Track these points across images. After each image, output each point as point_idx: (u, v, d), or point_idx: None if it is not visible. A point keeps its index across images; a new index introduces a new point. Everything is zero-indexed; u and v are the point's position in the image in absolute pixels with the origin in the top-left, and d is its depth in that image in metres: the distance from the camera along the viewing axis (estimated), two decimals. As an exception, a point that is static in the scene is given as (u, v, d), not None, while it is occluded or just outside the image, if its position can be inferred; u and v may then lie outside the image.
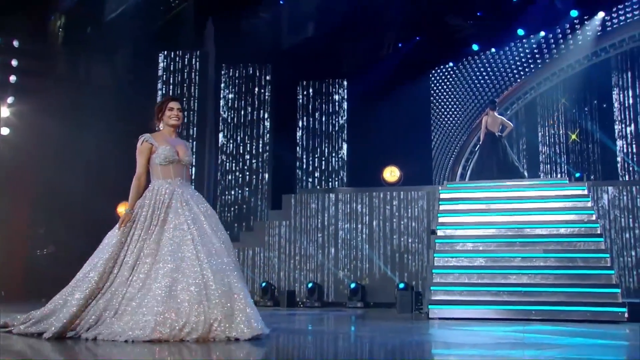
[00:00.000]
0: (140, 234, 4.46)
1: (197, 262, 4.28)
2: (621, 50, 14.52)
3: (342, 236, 11.29)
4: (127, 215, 4.53)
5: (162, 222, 4.48)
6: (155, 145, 4.68)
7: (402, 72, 15.05)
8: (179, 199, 4.57)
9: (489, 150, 11.05)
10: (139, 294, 4.23)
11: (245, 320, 4.18)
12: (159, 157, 4.64)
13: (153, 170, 4.68)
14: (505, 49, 15.73)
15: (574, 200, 9.15)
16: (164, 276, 4.21)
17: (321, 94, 15.05)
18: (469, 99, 16.32)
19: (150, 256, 4.37)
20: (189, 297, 4.13)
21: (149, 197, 4.59)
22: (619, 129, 14.68)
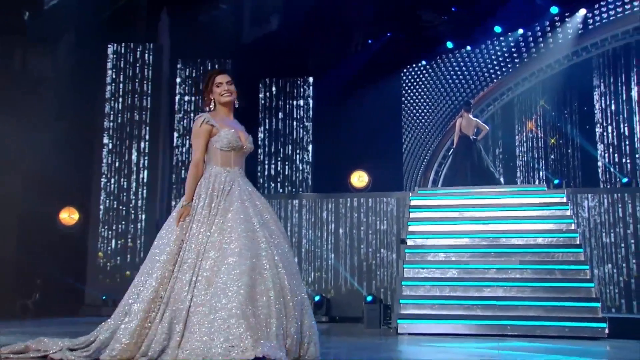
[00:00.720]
0: (199, 226, 4.08)
1: (273, 264, 3.93)
2: (603, 50, 14.80)
3: (306, 245, 11.26)
4: (186, 209, 4.14)
5: (224, 211, 4.10)
6: (216, 127, 4.31)
7: (371, 71, 15.08)
8: (242, 190, 4.22)
9: (463, 155, 11.13)
10: (207, 296, 3.82)
11: (315, 339, 3.94)
12: (221, 142, 4.29)
13: (211, 156, 4.31)
14: (482, 47, 15.90)
15: (552, 208, 9.24)
16: (243, 274, 3.79)
17: (285, 92, 14.99)
18: (443, 100, 16.44)
19: (213, 249, 3.97)
20: (268, 303, 3.79)
21: (204, 185, 4.22)
22: (600, 133, 14.94)
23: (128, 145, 12.91)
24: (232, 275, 3.80)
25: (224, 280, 3.80)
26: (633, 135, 14.51)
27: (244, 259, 3.85)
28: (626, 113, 14.66)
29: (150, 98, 13.08)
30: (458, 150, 11.25)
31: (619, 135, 14.69)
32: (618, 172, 14.44)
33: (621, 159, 14.58)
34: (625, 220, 9.81)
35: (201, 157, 4.30)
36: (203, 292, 3.86)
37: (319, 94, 15.03)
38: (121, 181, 12.75)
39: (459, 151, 11.22)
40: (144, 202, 12.68)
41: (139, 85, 13.12)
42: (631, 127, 14.56)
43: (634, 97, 14.60)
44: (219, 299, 3.75)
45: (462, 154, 11.14)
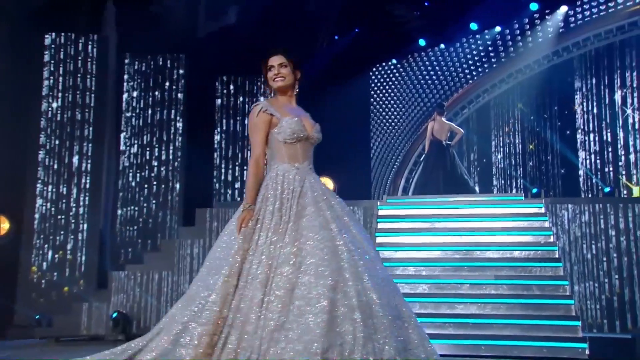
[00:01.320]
0: (268, 235, 3.76)
1: (357, 278, 3.62)
2: (585, 50, 15.03)
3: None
4: (249, 213, 3.84)
5: (297, 216, 3.79)
6: (277, 116, 4.04)
7: (338, 70, 15.09)
8: (315, 190, 3.94)
9: (435, 161, 11.17)
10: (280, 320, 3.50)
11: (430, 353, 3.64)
12: (284, 133, 4.00)
13: (275, 151, 4.02)
14: (456, 46, 16.03)
15: (530, 219, 9.31)
16: (321, 297, 3.47)
17: (244, 91, 14.89)
18: (414, 102, 16.53)
19: (287, 264, 3.65)
20: (353, 328, 3.45)
21: (272, 185, 3.92)
22: (582, 139, 15.16)
23: (68, 146, 12.65)
24: (308, 299, 3.49)
25: (300, 304, 3.50)
26: (616, 142, 14.73)
27: (323, 278, 3.54)
28: (609, 118, 14.89)
29: (94, 95, 12.86)
30: (430, 156, 11.28)
31: (602, 141, 14.91)
32: (600, 181, 14.65)
33: (603, 167, 14.79)
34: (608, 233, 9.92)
35: (262, 152, 3.99)
36: (277, 316, 3.53)
37: (281, 93, 14.99)
38: (60, 187, 12.49)
39: (430, 157, 11.25)
40: (85, 211, 12.43)
41: (81, 81, 12.89)
42: (614, 133, 14.77)
43: (617, 101, 14.82)
44: (293, 326, 3.46)
45: (434, 160, 11.17)
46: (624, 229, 9.82)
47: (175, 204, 13.86)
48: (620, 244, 9.83)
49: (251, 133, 4.06)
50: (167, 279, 11.13)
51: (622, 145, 14.63)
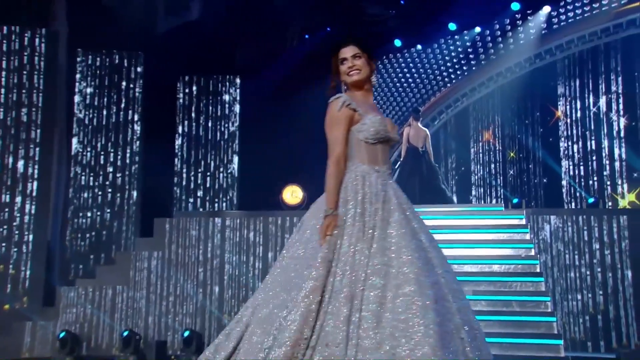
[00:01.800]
0: (351, 242, 3.58)
1: (455, 295, 3.54)
2: (569, 53, 15.19)
3: (230, 271, 11.12)
4: (333, 219, 3.64)
5: (383, 223, 3.64)
6: (359, 112, 3.88)
7: (308, 70, 14.96)
8: (399, 196, 3.81)
9: (411, 169, 11.23)
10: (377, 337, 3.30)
11: None
12: (367, 132, 3.85)
13: (353, 150, 3.88)
14: (434, 47, 16.10)
15: (510, 231, 9.36)
16: (427, 310, 3.31)
17: (207, 93, 14.80)
18: (389, 106, 16.57)
19: (377, 275, 3.46)
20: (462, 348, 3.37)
21: (351, 188, 3.76)
22: (565, 146, 15.30)
23: (13, 150, 12.44)
24: (413, 311, 3.31)
25: (403, 318, 3.30)
26: (601, 150, 14.87)
27: (425, 288, 3.39)
28: (593, 125, 15.04)
29: (42, 94, 12.67)
30: (405, 163, 11.33)
31: (586, 149, 15.05)
32: (584, 191, 14.79)
33: (587, 177, 14.93)
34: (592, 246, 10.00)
35: (343, 151, 3.83)
36: (372, 334, 3.32)
37: (246, 95, 14.90)
38: (2, 194, 12.28)
39: (406, 165, 11.30)
40: (31, 220, 12.21)
41: (27, 78, 12.68)
42: (598, 141, 14.92)
43: (602, 107, 14.98)
44: (399, 342, 3.25)
45: (410, 168, 11.23)
46: (609, 242, 9.91)
47: (131, 213, 13.73)
48: (605, 258, 9.92)
49: (330, 128, 3.89)
50: (122, 295, 11.04)
51: (607, 153, 14.77)
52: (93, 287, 11.00)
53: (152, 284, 11.09)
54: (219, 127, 14.76)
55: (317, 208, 3.90)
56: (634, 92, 14.61)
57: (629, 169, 14.47)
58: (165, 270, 11.12)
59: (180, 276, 11.10)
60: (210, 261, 11.15)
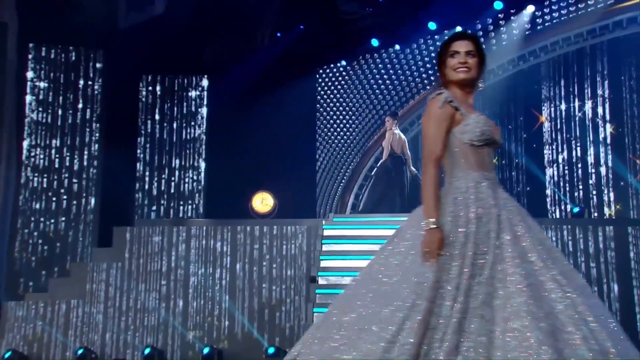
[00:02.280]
0: (465, 265, 3.36)
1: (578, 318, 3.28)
2: (553, 55, 15.34)
3: (194, 284, 11.08)
4: (439, 233, 3.41)
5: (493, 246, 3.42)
6: (462, 110, 3.66)
7: (280, 71, 15.10)
8: (509, 209, 3.60)
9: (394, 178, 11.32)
10: None
11: None
12: (472, 132, 3.63)
13: (457, 154, 3.66)
14: (413, 47, 16.22)
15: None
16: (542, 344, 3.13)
17: (172, 93, 14.80)
18: (366, 109, 16.64)
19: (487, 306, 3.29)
20: None
21: (462, 201, 3.54)
22: (549, 153, 15.45)
23: (-44, 153, 12.36)
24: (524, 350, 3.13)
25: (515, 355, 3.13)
26: (586, 158, 15.03)
27: (538, 320, 3.19)
28: (579, 131, 15.19)
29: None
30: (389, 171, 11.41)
31: (571, 156, 15.20)
32: (569, 200, 14.95)
33: (573, 185, 15.09)
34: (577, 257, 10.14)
35: (442, 152, 3.61)
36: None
37: (214, 96, 14.91)
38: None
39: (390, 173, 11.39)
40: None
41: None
42: (584, 148, 15.07)
43: (588, 112, 15.14)
44: None
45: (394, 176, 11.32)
46: (594, 253, 10.06)
47: (89, 221, 13.66)
48: (590, 270, 10.06)
49: (428, 126, 3.66)
50: (77, 309, 10.94)
51: (593, 161, 14.92)
52: (45, 302, 10.88)
53: (110, 297, 11.00)
54: (185, 130, 14.75)
55: (417, 217, 3.66)
56: (620, 96, 14.77)
57: (616, 177, 14.65)
58: (124, 283, 11.05)
59: (141, 289, 11.04)
60: (173, 273, 11.09)
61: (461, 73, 3.78)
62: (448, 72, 3.81)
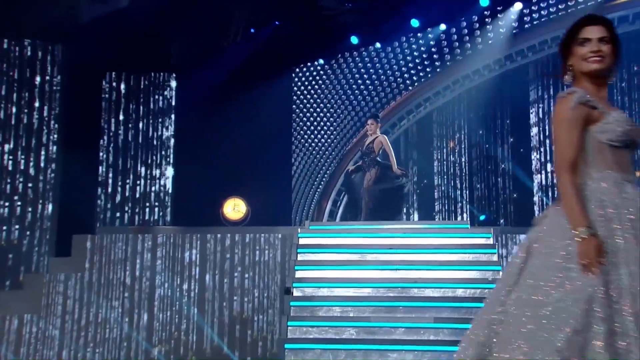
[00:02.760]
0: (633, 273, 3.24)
1: None
2: (542, 55, 15.40)
3: (160, 295, 10.99)
4: (595, 244, 3.27)
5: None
6: (600, 109, 3.53)
7: (254, 69, 15.06)
8: None
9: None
10: None
11: None
12: (612, 132, 3.50)
13: (595, 155, 3.53)
14: (394, 45, 16.25)
15: (476, 251, 9.47)
16: None
17: (138, 92, 14.72)
18: (345, 110, 16.65)
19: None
20: None
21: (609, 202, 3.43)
22: (537, 158, 15.53)
23: None
24: None
25: None
26: (576, 164, 15.16)
27: None
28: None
29: None
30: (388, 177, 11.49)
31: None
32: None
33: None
34: (565, 268, 10.19)
35: (576, 156, 3.47)
36: None
37: (183, 95, 14.85)
38: None
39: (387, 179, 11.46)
40: None
41: None
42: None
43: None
44: None
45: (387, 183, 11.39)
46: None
47: (45, 228, 13.54)
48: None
49: (560, 129, 3.52)
50: (31, 324, 10.78)
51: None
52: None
53: (68, 311, 10.85)
54: (151, 131, 14.68)
55: (558, 226, 3.51)
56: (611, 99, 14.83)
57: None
58: (84, 295, 10.90)
59: (103, 302, 10.90)
60: (138, 284, 10.98)
61: (594, 63, 3.57)
62: (577, 62, 3.61)
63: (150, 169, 14.50)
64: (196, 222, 11.94)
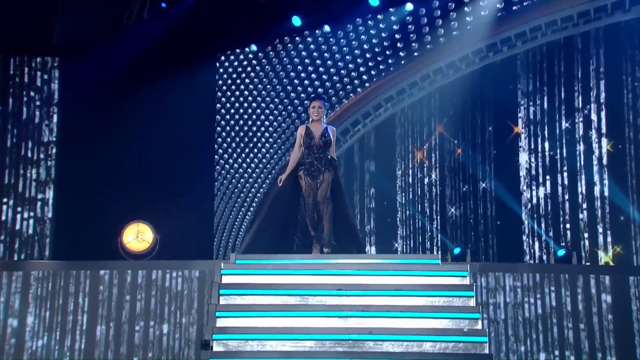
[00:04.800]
0: None
1: None
2: (534, 45, 15.50)
3: (34, 350, 10.74)
4: None
5: None
6: None
7: (164, 56, 14.97)
8: None
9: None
10: None
11: None
12: None
13: None
14: (347, 29, 16.26)
15: (449, 294, 9.39)
16: None
17: (9, 81, 14.52)
18: (283, 110, 16.60)
19: None
20: None
21: None
22: (527, 177, 15.58)
23: None
24: None
25: None
26: (576, 183, 15.16)
27: None
28: (565, 148, 15.33)
29: None
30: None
31: (554, 181, 15.34)
32: (552, 240, 15.08)
33: (557, 219, 15.23)
34: (562, 319, 10.17)
35: None
36: None
37: (70, 87, 14.67)
38: None
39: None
40: None
41: None
42: (573, 170, 15.21)
43: (578, 123, 15.29)
44: None
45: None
46: (585, 312, 10.09)
47: None
48: (579, 336, 10.10)
49: None
50: None
51: (585, 188, 15.06)
52: None
53: None
54: (27, 136, 14.48)
55: None
56: (620, 102, 14.95)
57: (614, 209, 14.79)
58: None
59: (-42, 356, 10.69)
60: (3, 336, 10.70)
61: None
62: None
63: (24, 187, 14.28)
64: (84, 255, 11.77)
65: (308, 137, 10.87)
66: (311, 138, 10.90)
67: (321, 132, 10.98)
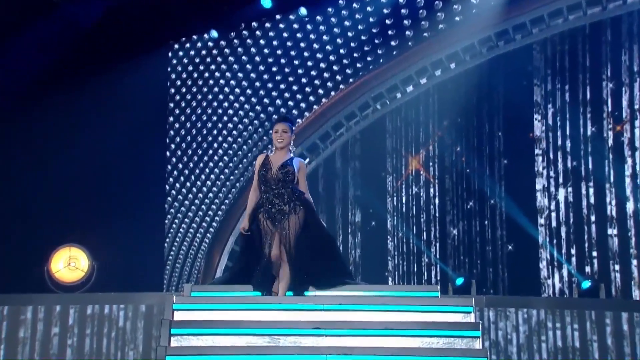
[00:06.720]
0: None
1: None
2: (552, 33, 15.53)
3: None
4: None
5: None
6: None
7: (103, 44, 14.93)
8: None
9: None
10: None
11: None
12: None
13: None
14: (327, 13, 16.27)
15: (450, 334, 9.36)
16: None
17: None
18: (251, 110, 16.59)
19: None
20: None
21: None
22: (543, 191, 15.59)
23: None
24: None
25: None
26: (604, 200, 15.18)
27: None
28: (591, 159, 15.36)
29: None
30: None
31: (579, 199, 15.36)
32: (574, 270, 15.10)
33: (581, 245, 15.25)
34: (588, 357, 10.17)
35: None
36: None
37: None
38: None
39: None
40: None
41: None
42: (600, 182, 15.24)
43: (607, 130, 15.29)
44: None
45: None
46: (616, 353, 10.09)
47: None
48: (609, 379, 10.09)
49: None
50: None
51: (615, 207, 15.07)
52: None
53: None
54: None
55: None
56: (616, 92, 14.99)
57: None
58: None
59: None
60: None
61: None
62: None
63: None
64: (3, 288, 11.65)
65: (264, 168, 10.37)
66: (268, 169, 10.30)
67: (282, 162, 10.37)
